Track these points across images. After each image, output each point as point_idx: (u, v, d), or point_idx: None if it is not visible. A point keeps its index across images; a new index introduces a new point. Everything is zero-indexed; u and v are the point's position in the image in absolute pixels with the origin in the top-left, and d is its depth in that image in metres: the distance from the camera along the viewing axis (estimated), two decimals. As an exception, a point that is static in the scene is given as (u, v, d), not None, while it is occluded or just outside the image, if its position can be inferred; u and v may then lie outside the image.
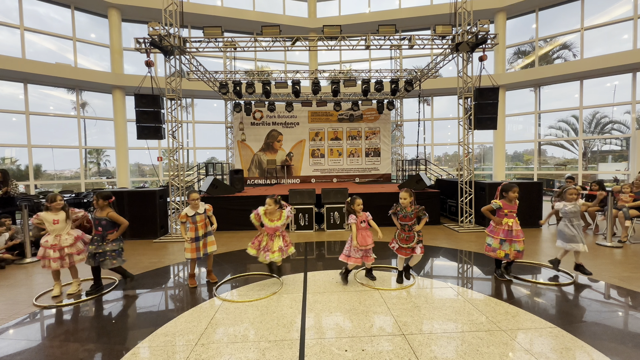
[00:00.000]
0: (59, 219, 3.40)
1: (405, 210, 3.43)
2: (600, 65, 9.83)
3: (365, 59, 13.21)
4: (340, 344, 2.34)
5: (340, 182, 11.61)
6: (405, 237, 3.42)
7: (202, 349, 2.33)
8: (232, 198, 6.86)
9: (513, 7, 11.30)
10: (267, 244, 3.38)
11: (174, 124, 6.45)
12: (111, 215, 3.44)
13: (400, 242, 3.44)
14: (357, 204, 3.49)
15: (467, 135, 6.72)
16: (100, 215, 3.43)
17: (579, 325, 2.58)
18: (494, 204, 3.58)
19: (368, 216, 3.53)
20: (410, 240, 3.40)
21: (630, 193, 5.57)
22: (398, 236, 3.49)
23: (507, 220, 3.51)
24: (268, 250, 3.34)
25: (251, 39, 6.89)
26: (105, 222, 3.42)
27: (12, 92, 9.95)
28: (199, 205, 3.58)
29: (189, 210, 3.53)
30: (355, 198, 3.52)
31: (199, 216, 3.53)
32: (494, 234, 3.58)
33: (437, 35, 6.56)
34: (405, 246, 3.41)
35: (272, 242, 3.38)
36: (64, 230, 3.43)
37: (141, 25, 11.84)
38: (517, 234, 3.47)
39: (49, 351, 2.37)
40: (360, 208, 3.49)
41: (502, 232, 3.50)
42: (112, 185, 12.32)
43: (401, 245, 3.44)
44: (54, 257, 3.31)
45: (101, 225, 3.43)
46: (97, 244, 3.40)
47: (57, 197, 3.44)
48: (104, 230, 3.43)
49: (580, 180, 10.87)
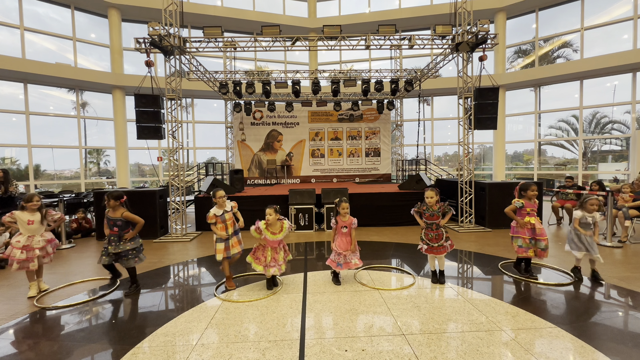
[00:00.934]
0: (34, 220, 3.33)
1: (432, 209, 3.43)
2: (600, 65, 9.83)
3: (365, 59, 13.21)
4: (340, 344, 2.34)
5: (340, 182, 11.61)
6: (435, 235, 3.42)
7: (202, 349, 2.33)
8: (232, 198, 6.83)
9: (513, 7, 11.30)
10: (272, 258, 3.31)
11: (174, 124, 6.45)
12: (126, 216, 3.38)
13: (430, 241, 3.42)
14: (342, 207, 3.45)
15: (467, 135, 6.72)
16: (114, 215, 3.36)
17: (579, 325, 2.58)
18: (516, 202, 3.55)
19: (353, 223, 3.46)
20: (440, 238, 3.40)
21: (630, 193, 5.57)
22: (426, 236, 3.46)
23: (529, 218, 3.49)
24: (276, 265, 3.29)
25: (251, 39, 6.89)
26: (120, 222, 3.36)
27: (12, 92, 9.95)
28: (226, 203, 3.52)
29: (216, 210, 3.45)
30: (341, 201, 3.48)
31: (227, 214, 3.47)
32: (520, 234, 3.54)
33: (437, 35, 6.56)
34: (436, 245, 3.40)
35: (277, 255, 3.33)
36: (38, 232, 3.36)
37: (141, 25, 11.84)
38: (541, 232, 3.46)
39: (49, 351, 2.37)
40: (345, 212, 3.44)
41: (528, 231, 3.49)
42: (112, 185, 12.32)
43: (431, 244, 3.41)
44: (19, 258, 3.24)
45: (117, 226, 3.37)
46: (115, 244, 3.34)
47: (34, 197, 3.36)
48: (120, 230, 3.38)
49: (580, 180, 10.88)
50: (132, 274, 3.48)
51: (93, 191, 7.41)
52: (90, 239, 6.31)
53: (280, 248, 3.39)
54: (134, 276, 3.49)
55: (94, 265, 4.50)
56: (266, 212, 3.30)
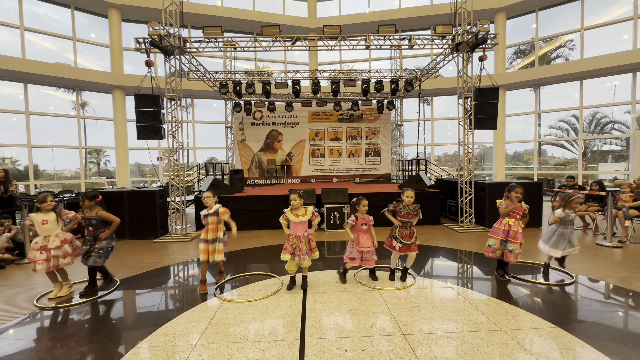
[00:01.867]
0: (49, 220, 3.35)
1: (409, 208, 3.52)
2: (600, 65, 9.83)
3: (365, 59, 13.21)
4: (340, 344, 2.34)
5: (340, 182, 11.61)
6: (408, 233, 3.50)
7: (202, 349, 2.33)
8: (232, 198, 6.86)
9: (513, 7, 11.30)
10: (298, 247, 3.27)
11: (174, 124, 6.45)
12: (100, 214, 3.37)
13: (403, 239, 3.49)
14: (363, 204, 3.49)
15: (467, 135, 6.72)
16: (90, 215, 3.38)
17: (579, 325, 2.58)
18: (502, 203, 3.59)
19: (371, 220, 3.52)
20: (412, 236, 3.50)
21: (630, 193, 5.57)
22: (400, 234, 3.51)
23: (509, 219, 3.49)
24: (300, 254, 3.25)
25: (251, 39, 6.88)
26: (95, 221, 3.36)
27: (12, 92, 9.95)
28: (213, 205, 3.50)
29: (205, 210, 3.51)
30: (361, 199, 3.51)
31: (211, 217, 3.43)
32: (494, 234, 3.57)
33: (437, 35, 6.56)
34: (408, 243, 3.48)
35: (301, 244, 3.27)
36: (53, 232, 3.37)
37: (141, 25, 11.84)
38: (515, 236, 3.43)
39: (49, 351, 2.37)
40: (365, 210, 3.49)
41: (502, 232, 3.49)
42: (112, 185, 12.32)
43: (404, 242, 3.49)
44: (39, 259, 3.24)
45: (92, 225, 3.38)
46: (90, 243, 3.36)
47: (47, 197, 3.37)
48: (95, 229, 3.38)
49: (580, 180, 10.87)
50: (92, 274, 3.42)
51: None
52: (90, 239, 6.31)
53: (305, 238, 3.31)
54: (94, 277, 3.43)
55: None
56: (290, 197, 3.39)
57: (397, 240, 3.52)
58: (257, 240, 5.81)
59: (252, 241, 5.73)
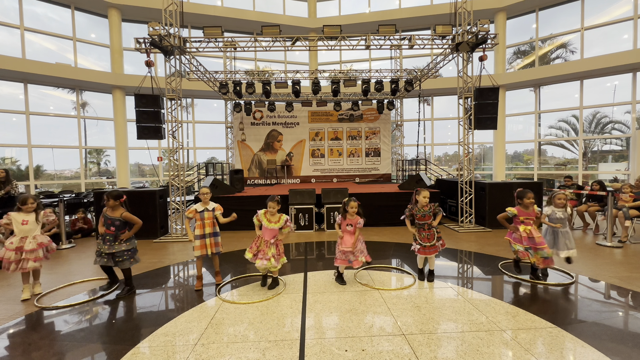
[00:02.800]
0: (29, 220, 3.33)
1: (424, 210, 3.48)
2: (600, 65, 9.83)
3: (365, 59, 13.21)
4: (340, 344, 2.34)
5: (340, 182, 11.61)
6: (427, 235, 3.47)
7: (202, 349, 2.33)
8: (232, 198, 6.86)
9: (513, 7, 11.29)
10: (262, 250, 3.31)
11: (174, 124, 6.45)
12: (125, 216, 3.35)
13: (423, 241, 3.46)
14: (351, 206, 3.45)
15: (467, 135, 6.72)
16: (113, 215, 3.32)
17: (579, 325, 2.58)
18: (509, 211, 3.51)
19: (359, 223, 3.45)
20: (432, 238, 3.46)
21: (630, 193, 5.57)
22: (419, 237, 3.49)
23: (525, 227, 3.41)
24: (263, 257, 3.28)
25: (251, 39, 6.89)
26: (118, 222, 3.32)
27: (12, 92, 9.95)
28: (209, 201, 3.57)
29: (198, 206, 3.52)
30: (350, 200, 3.49)
31: (207, 213, 3.50)
32: (517, 241, 3.47)
33: (437, 35, 6.56)
34: (429, 244, 3.44)
35: (267, 249, 3.30)
36: (31, 234, 3.34)
37: (141, 25, 11.84)
38: (540, 241, 3.34)
39: (49, 351, 2.37)
40: (353, 211, 3.45)
41: (524, 239, 3.40)
42: (112, 185, 12.32)
43: (424, 244, 3.45)
44: (8, 258, 3.21)
45: (114, 225, 3.32)
46: (110, 244, 3.30)
47: (28, 200, 3.34)
48: (117, 230, 3.33)
49: (580, 180, 10.87)
50: (127, 276, 3.45)
51: (93, 191, 7.42)
52: (90, 239, 6.31)
53: (272, 244, 3.34)
54: (129, 278, 3.46)
55: (94, 265, 4.49)
56: (268, 204, 3.41)
57: (417, 242, 3.52)
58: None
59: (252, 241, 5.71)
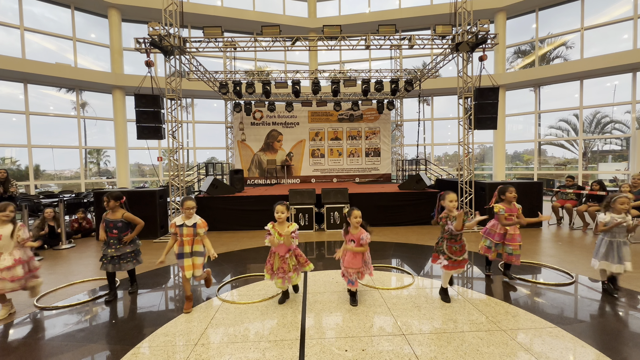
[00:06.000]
0: (2, 235, 2.89)
1: None
2: (600, 65, 9.83)
3: (365, 59, 13.21)
4: (340, 344, 2.34)
5: (340, 182, 11.61)
6: (459, 247, 2.93)
7: (202, 349, 2.33)
8: (232, 198, 6.86)
9: (513, 7, 11.29)
10: (280, 266, 2.92)
11: (174, 124, 6.45)
12: (127, 217, 3.28)
13: (453, 254, 2.92)
14: (354, 216, 2.88)
15: (467, 135, 6.72)
16: (114, 217, 3.24)
17: (579, 325, 2.58)
18: (500, 210, 3.32)
19: (362, 238, 2.82)
20: (464, 251, 2.95)
21: (630, 193, 5.57)
22: (448, 249, 2.93)
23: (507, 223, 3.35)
24: (284, 273, 2.90)
25: (251, 39, 6.89)
26: (121, 224, 3.24)
27: (12, 92, 9.95)
28: (192, 216, 3.02)
29: (179, 219, 3.00)
30: (352, 210, 2.94)
31: (187, 229, 2.95)
32: (490, 236, 3.46)
33: (437, 35, 6.56)
34: (459, 258, 2.93)
35: (285, 265, 2.91)
36: (7, 250, 2.90)
37: (141, 25, 11.84)
38: (513, 238, 3.30)
39: (49, 351, 2.37)
40: (357, 222, 2.87)
41: (497, 235, 3.38)
42: (112, 185, 12.32)
43: (455, 258, 2.92)
44: None
45: (117, 228, 3.22)
46: (115, 247, 3.22)
47: (8, 207, 2.97)
48: (120, 232, 3.24)
49: (580, 180, 10.87)
50: (132, 275, 3.52)
51: (93, 191, 7.41)
52: (90, 239, 6.31)
53: (289, 256, 2.95)
54: (134, 276, 3.53)
55: (94, 266, 4.50)
56: (276, 209, 2.92)
57: (445, 255, 2.95)
58: (257, 240, 5.80)
59: (252, 241, 5.73)
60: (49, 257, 5.05)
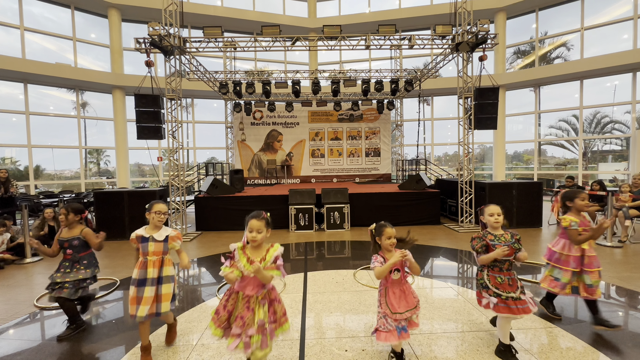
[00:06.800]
0: None
1: (505, 237, 2.11)
2: (600, 65, 9.83)
3: (365, 59, 13.21)
4: (340, 344, 2.34)
5: (340, 182, 11.61)
6: (508, 280, 2.08)
7: (202, 348, 2.33)
8: (232, 198, 6.86)
9: (513, 7, 11.29)
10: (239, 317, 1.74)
11: (174, 124, 6.45)
12: (85, 234, 2.57)
13: (502, 289, 2.06)
14: (387, 235, 1.98)
15: (467, 135, 6.72)
16: (70, 235, 2.56)
17: (579, 325, 2.58)
18: (572, 223, 2.46)
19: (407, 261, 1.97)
20: (515, 285, 2.08)
21: (630, 193, 5.57)
22: (493, 281, 2.10)
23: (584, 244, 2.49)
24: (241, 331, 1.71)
25: (251, 39, 6.89)
26: (77, 241, 2.55)
27: (12, 92, 9.95)
28: (161, 226, 2.23)
29: (143, 230, 2.19)
30: (383, 226, 2.02)
31: (154, 244, 2.13)
32: (561, 264, 2.50)
33: (437, 35, 6.56)
34: (512, 296, 2.03)
35: (248, 312, 1.74)
36: None
37: (141, 25, 11.84)
38: (590, 262, 2.44)
39: (49, 351, 2.37)
40: (391, 244, 1.98)
41: (573, 260, 2.46)
42: (112, 185, 12.32)
43: (506, 294, 2.04)
44: None
45: (72, 247, 2.53)
46: (65, 270, 2.53)
47: None
48: (75, 252, 2.55)
49: (580, 180, 10.87)
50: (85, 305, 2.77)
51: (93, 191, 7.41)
52: (90, 239, 6.30)
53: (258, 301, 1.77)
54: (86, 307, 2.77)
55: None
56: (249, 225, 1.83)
57: (490, 291, 2.09)
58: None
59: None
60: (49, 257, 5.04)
